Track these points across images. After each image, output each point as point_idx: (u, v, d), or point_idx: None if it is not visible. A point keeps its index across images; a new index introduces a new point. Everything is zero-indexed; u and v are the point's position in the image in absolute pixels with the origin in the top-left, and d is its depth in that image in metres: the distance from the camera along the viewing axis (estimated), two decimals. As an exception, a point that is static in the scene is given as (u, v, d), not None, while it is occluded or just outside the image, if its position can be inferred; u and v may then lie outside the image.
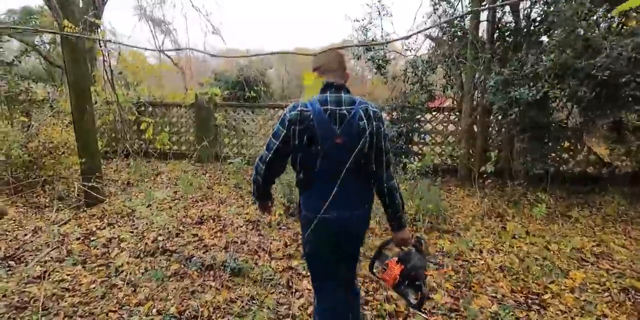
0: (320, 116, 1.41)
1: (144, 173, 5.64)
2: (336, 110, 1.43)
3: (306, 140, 1.43)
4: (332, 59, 1.55)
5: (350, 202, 1.51)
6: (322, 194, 1.42)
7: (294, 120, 1.43)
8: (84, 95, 4.34)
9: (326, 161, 1.44)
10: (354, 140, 1.42)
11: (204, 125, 6.71)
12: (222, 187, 5.25)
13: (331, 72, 1.54)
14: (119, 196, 4.67)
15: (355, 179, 1.49)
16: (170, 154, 6.99)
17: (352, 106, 1.46)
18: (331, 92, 1.48)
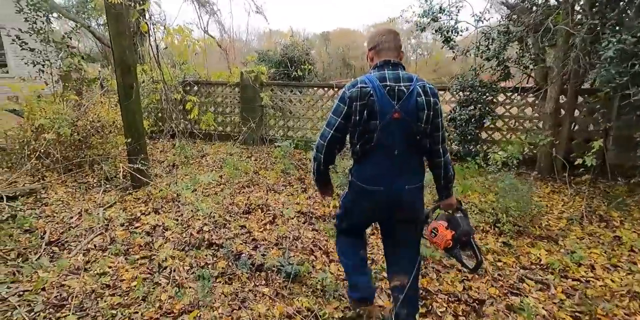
0: (379, 92, 1.47)
1: (189, 155, 5.42)
2: (395, 87, 1.48)
3: (366, 115, 1.48)
4: (389, 38, 1.59)
5: (404, 175, 1.56)
6: (376, 166, 1.54)
7: (355, 96, 1.49)
8: (130, 72, 4.07)
9: (383, 135, 1.49)
10: (411, 116, 1.48)
11: (250, 105, 6.36)
12: (269, 172, 4.89)
13: (388, 50, 1.58)
14: (164, 179, 4.47)
15: (410, 153, 1.55)
16: (215, 135, 6.75)
17: (410, 83, 1.50)
18: (389, 69, 1.53)
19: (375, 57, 1.60)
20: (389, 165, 1.52)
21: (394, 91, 1.47)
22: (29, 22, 4.74)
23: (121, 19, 3.87)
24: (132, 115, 4.22)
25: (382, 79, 1.50)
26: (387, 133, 1.49)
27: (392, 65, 1.55)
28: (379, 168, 1.53)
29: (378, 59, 1.59)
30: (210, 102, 6.83)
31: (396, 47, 1.59)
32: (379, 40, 1.59)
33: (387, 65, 1.55)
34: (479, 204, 3.62)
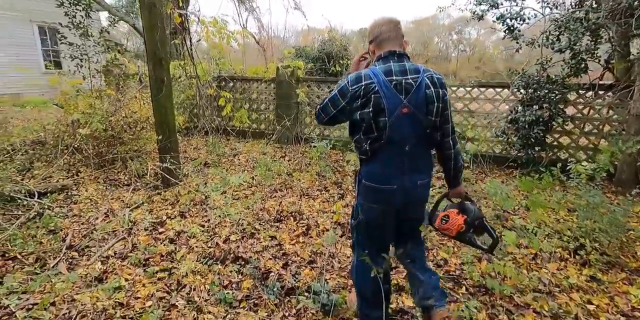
0: (386, 87, 1.40)
1: (221, 153, 5.20)
2: (402, 80, 1.42)
3: (372, 113, 1.41)
4: (389, 28, 1.51)
5: (415, 170, 1.51)
6: (387, 164, 1.48)
7: (358, 95, 1.42)
8: (161, 67, 3.87)
9: (393, 131, 1.43)
10: (420, 109, 1.43)
11: (285, 102, 6.05)
12: (304, 174, 4.54)
13: (390, 40, 1.50)
14: (195, 178, 4.25)
15: (421, 147, 1.51)
16: (249, 132, 6.53)
17: (418, 75, 1.44)
18: (394, 61, 1.46)
19: (377, 49, 1.53)
20: (400, 162, 1.47)
21: (402, 85, 1.41)
22: (68, 16, 4.71)
23: (154, 10, 3.66)
24: (164, 110, 4.03)
25: (388, 72, 1.43)
26: (397, 129, 1.43)
27: (398, 56, 1.48)
28: (390, 166, 1.48)
29: (381, 50, 1.51)
30: (245, 98, 6.60)
31: (397, 37, 1.51)
32: (379, 31, 1.52)
33: (392, 56, 1.48)
34: (553, 223, 3.04)
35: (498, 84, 4.79)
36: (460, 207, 1.63)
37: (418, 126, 1.45)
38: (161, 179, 4.10)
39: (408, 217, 1.63)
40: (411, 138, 1.45)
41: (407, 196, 1.52)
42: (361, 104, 1.42)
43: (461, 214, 1.59)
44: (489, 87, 4.81)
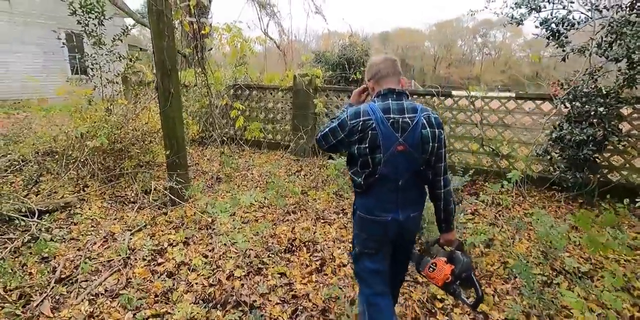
0: (383, 125, 1.45)
1: (234, 167, 4.92)
2: (399, 119, 1.47)
3: (368, 148, 1.47)
4: (387, 65, 1.56)
5: (407, 205, 1.56)
6: (381, 198, 1.54)
7: (357, 129, 1.47)
8: (170, 77, 3.63)
9: (387, 168, 1.48)
10: (416, 148, 1.47)
11: (301, 112, 5.73)
12: (320, 193, 4.19)
13: (389, 77, 1.55)
14: (203, 196, 3.97)
15: (413, 183, 1.55)
16: (265, 143, 6.24)
17: (415, 114, 1.49)
18: (393, 99, 1.51)
19: (376, 86, 1.58)
20: (393, 196, 1.54)
21: (398, 123, 1.47)
22: (81, 24, 4.56)
23: (162, 17, 3.42)
24: (172, 124, 3.78)
25: (386, 110, 1.48)
26: (391, 165, 1.49)
27: (397, 94, 1.53)
28: (383, 200, 1.55)
29: (380, 87, 1.56)
30: (260, 107, 6.33)
31: (395, 74, 1.56)
32: (377, 68, 1.58)
33: (391, 94, 1.52)
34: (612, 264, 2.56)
35: (538, 96, 4.30)
36: (449, 256, 1.59)
37: (412, 163, 1.50)
38: (168, 196, 3.85)
39: (400, 248, 1.69)
40: (405, 174, 1.51)
41: (401, 228, 1.58)
42: (358, 139, 1.48)
43: (449, 263, 1.55)
44: (528, 99, 4.33)
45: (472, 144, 4.76)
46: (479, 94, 4.59)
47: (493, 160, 4.64)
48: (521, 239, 3.07)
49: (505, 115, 4.50)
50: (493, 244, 2.99)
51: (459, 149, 4.84)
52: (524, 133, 4.49)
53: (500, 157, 4.54)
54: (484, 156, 4.70)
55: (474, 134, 4.73)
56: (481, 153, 4.70)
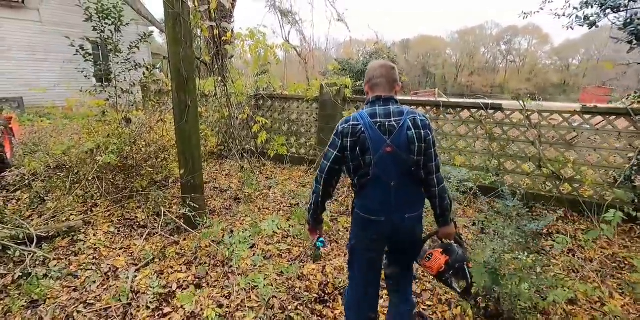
0: (370, 128, 1.55)
1: (254, 186, 4.46)
2: (385, 122, 1.56)
3: (359, 150, 1.56)
4: (381, 73, 1.64)
5: (402, 206, 1.60)
6: (375, 199, 1.60)
7: (347, 133, 1.57)
8: (186, 88, 3.23)
9: (378, 169, 1.56)
10: (403, 149, 1.55)
11: (328, 125, 5.25)
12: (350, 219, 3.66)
13: (380, 86, 1.63)
14: (219, 223, 3.51)
15: (407, 184, 1.60)
16: (288, 157, 5.78)
17: (401, 117, 1.57)
18: (379, 105, 1.60)
19: (370, 92, 1.67)
20: (386, 197, 1.58)
21: (385, 126, 1.55)
22: (97, 31, 4.27)
23: (178, 21, 3.03)
24: (188, 139, 3.37)
25: (373, 115, 1.57)
26: (382, 166, 1.55)
27: (384, 100, 1.61)
28: (377, 200, 1.60)
29: (372, 93, 1.65)
30: (283, 119, 5.89)
31: (389, 82, 1.63)
32: (372, 74, 1.65)
33: (378, 101, 1.61)
34: None
35: (610, 110, 3.65)
36: (445, 247, 1.69)
37: (402, 164, 1.56)
38: (182, 221, 3.42)
39: (398, 248, 1.73)
40: (396, 175, 1.57)
41: (395, 228, 1.61)
42: (352, 142, 1.56)
43: (444, 254, 1.65)
44: (598, 114, 3.69)
45: (524, 165, 4.14)
46: (533, 105, 3.98)
47: (553, 184, 3.99)
48: (612, 294, 2.44)
49: (568, 133, 3.87)
50: (576, 298, 2.37)
51: (510, 169, 4.21)
52: (589, 153, 3.85)
53: (562, 181, 3.89)
54: (540, 179, 4.06)
55: (528, 153, 4.10)
56: (537, 175, 4.06)
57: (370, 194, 1.60)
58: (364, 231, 1.66)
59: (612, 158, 3.75)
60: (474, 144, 4.48)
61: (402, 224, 1.61)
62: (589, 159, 3.83)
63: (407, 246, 1.73)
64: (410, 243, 1.72)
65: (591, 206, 3.70)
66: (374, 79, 1.64)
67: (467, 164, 4.44)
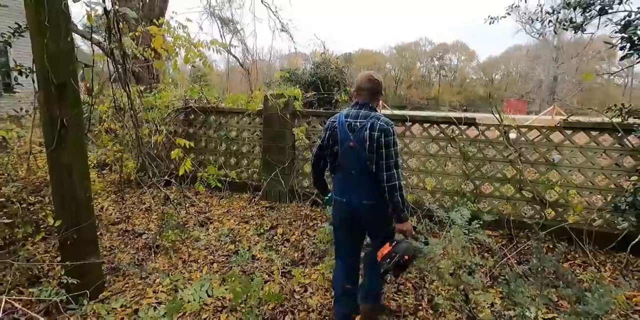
0: (341, 126, 1.94)
1: (178, 230, 3.37)
2: (352, 122, 1.93)
3: (331, 142, 1.99)
4: (367, 86, 1.99)
5: (358, 192, 1.94)
6: (340, 182, 2.02)
7: (327, 127, 2.03)
8: (60, 97, 2.16)
9: (343, 158, 1.96)
10: (361, 145, 1.88)
11: (275, 144, 4.36)
12: (310, 271, 2.77)
13: (362, 96, 2.01)
14: (120, 299, 2.40)
15: (363, 174, 1.91)
16: (227, 183, 4.76)
17: (364, 120, 1.90)
18: (355, 109, 1.98)
19: (355, 97, 2.05)
20: (349, 182, 1.97)
21: (352, 125, 1.92)
22: None
23: (42, 3, 1.98)
24: (66, 174, 2.28)
25: (347, 115, 1.96)
26: (346, 157, 1.94)
27: (360, 105, 1.99)
28: (342, 183, 2.01)
29: (356, 98, 2.04)
30: (220, 137, 4.88)
31: (370, 93, 1.99)
32: (359, 84, 2.02)
33: (357, 105, 2.00)
34: None
35: (596, 125, 3.27)
36: (396, 240, 1.92)
37: (360, 158, 1.89)
38: (60, 296, 2.26)
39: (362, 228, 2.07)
40: (356, 165, 1.92)
41: (354, 210, 1.97)
42: (328, 135, 2.00)
43: (391, 245, 1.89)
44: (581, 129, 3.28)
45: (504, 187, 3.62)
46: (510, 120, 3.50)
47: (535, 210, 3.51)
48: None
49: (549, 151, 3.42)
50: None
51: (488, 193, 3.67)
52: (573, 173, 3.43)
53: (546, 205, 3.41)
54: (522, 203, 3.56)
55: (507, 173, 3.60)
56: (517, 199, 3.56)
57: (338, 178, 2.02)
58: (334, 209, 2.07)
59: (598, 179, 3.36)
60: (445, 165, 3.90)
61: (360, 207, 1.93)
62: (574, 180, 3.41)
63: (370, 229, 2.07)
64: (373, 227, 2.04)
65: (580, 233, 3.25)
66: (359, 89, 2.00)
67: (438, 188, 3.83)
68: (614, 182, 3.22)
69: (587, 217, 3.33)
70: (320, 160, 2.11)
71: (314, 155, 2.15)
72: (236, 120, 4.80)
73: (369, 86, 1.98)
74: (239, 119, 4.77)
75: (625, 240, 3.08)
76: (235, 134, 4.84)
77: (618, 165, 3.19)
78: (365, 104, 1.97)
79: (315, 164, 2.15)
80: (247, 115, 4.65)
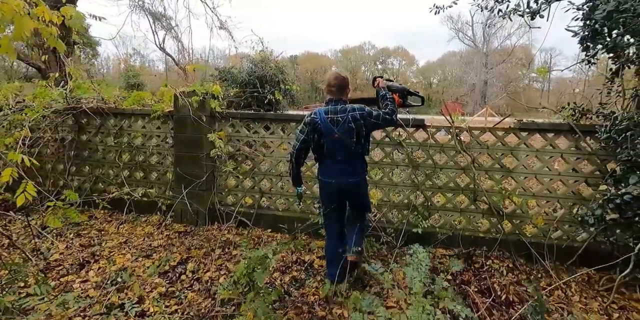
0: (324, 122, 2.27)
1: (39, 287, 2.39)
2: (334, 117, 2.27)
3: (316, 136, 2.31)
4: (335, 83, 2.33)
5: (346, 172, 2.36)
6: (327, 168, 2.39)
7: (309, 123, 2.32)
8: None
9: (329, 148, 2.31)
10: (346, 135, 2.27)
11: (190, 153, 3.52)
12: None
13: (333, 93, 2.35)
14: None
15: (349, 158, 2.34)
16: (130, 202, 3.79)
17: (344, 114, 2.27)
18: (332, 105, 2.32)
19: (326, 93, 2.41)
20: (335, 166, 2.35)
21: (334, 120, 2.27)
22: None
23: None
24: None
25: (327, 112, 2.29)
26: (331, 147, 2.30)
27: (335, 101, 2.33)
28: (329, 168, 2.38)
29: (328, 96, 2.39)
30: (122, 145, 3.89)
31: (339, 89, 2.34)
32: (328, 81, 2.37)
33: (331, 102, 2.33)
34: None
35: (552, 126, 2.92)
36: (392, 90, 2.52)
37: (345, 145, 2.29)
38: None
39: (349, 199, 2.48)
40: (341, 152, 2.31)
41: (341, 188, 2.37)
42: (311, 130, 2.31)
43: (395, 94, 2.50)
44: (537, 131, 2.92)
45: (459, 198, 3.17)
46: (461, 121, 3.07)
47: (491, 223, 3.09)
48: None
49: (505, 155, 3.03)
50: None
51: (440, 206, 3.20)
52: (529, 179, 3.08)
53: (502, 217, 3.01)
54: (477, 216, 3.14)
55: (460, 182, 3.16)
56: (472, 211, 3.13)
57: (325, 164, 2.39)
58: (323, 190, 2.46)
59: (555, 185, 3.03)
60: (391, 173, 3.37)
61: (347, 185, 2.37)
62: (530, 187, 3.05)
63: (354, 199, 2.49)
64: (357, 197, 2.48)
65: (539, 248, 2.89)
66: (329, 86, 2.36)
67: (385, 201, 3.28)
68: (572, 189, 2.90)
69: (545, 229, 2.99)
70: (302, 152, 2.41)
71: (295, 149, 2.39)
72: (141, 124, 3.85)
73: (337, 83, 2.32)
74: (145, 123, 3.83)
75: (587, 254, 2.77)
76: (141, 141, 3.89)
77: (576, 171, 2.88)
78: (338, 99, 2.34)
79: (297, 157, 2.43)
80: (156, 118, 3.74)
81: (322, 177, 2.41)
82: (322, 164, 2.40)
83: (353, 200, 2.48)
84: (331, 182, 2.36)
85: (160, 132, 3.80)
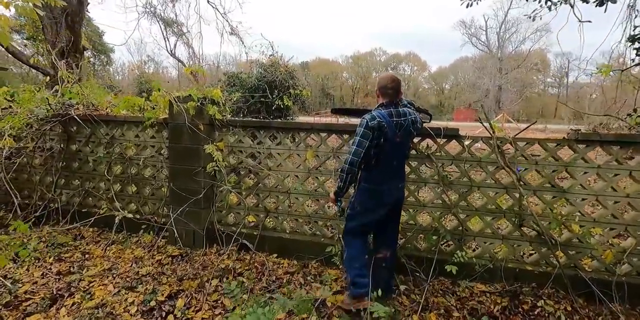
0: (390, 125, 2.16)
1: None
2: (398, 121, 2.20)
3: (382, 139, 2.16)
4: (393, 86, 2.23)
5: (398, 177, 2.31)
6: (383, 173, 2.24)
7: (376, 127, 2.14)
8: None
9: (390, 152, 2.21)
10: (406, 139, 2.30)
11: (185, 166, 3.10)
12: None
13: (392, 95, 2.24)
14: None
15: (401, 162, 2.33)
16: (121, 220, 3.38)
17: (406, 117, 2.23)
18: (393, 108, 2.22)
19: (382, 96, 2.27)
20: (390, 171, 2.25)
21: (398, 123, 2.19)
22: None
23: None
24: None
25: (390, 115, 2.19)
26: (392, 150, 2.21)
27: (395, 104, 2.25)
28: (385, 174, 2.24)
29: (384, 98, 2.26)
30: (112, 155, 3.50)
31: (397, 92, 2.25)
32: (384, 84, 2.24)
33: (391, 104, 2.24)
34: None
35: (617, 138, 2.40)
36: None
37: (403, 149, 2.31)
38: None
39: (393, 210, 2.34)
40: (398, 156, 2.27)
41: (393, 195, 2.28)
42: (377, 133, 2.14)
43: None
44: (599, 143, 2.40)
45: (501, 221, 2.66)
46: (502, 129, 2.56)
47: (540, 253, 2.56)
48: None
49: (558, 172, 2.51)
50: None
51: (477, 231, 2.69)
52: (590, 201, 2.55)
53: (556, 248, 2.48)
54: (524, 244, 2.61)
55: (501, 204, 2.64)
56: (516, 238, 2.61)
57: (380, 170, 2.23)
58: (371, 197, 2.26)
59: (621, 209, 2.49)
60: (417, 193, 2.87)
61: (398, 192, 2.31)
62: (588, 211, 2.52)
63: (398, 209, 2.41)
64: (400, 206, 2.43)
65: (604, 285, 2.35)
66: (386, 89, 2.24)
67: (412, 224, 2.79)
68: (644, 214, 2.36)
69: (610, 262, 2.45)
70: (364, 160, 2.21)
71: (359, 157, 2.18)
72: (134, 133, 3.46)
73: (394, 85, 2.23)
74: (138, 132, 3.44)
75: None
76: (134, 152, 3.50)
77: (648, 192, 2.34)
78: (396, 102, 2.26)
79: (359, 164, 2.21)
80: (149, 126, 3.34)
81: (373, 184, 2.23)
82: (374, 170, 2.23)
83: (396, 209, 2.37)
84: (381, 190, 2.22)
85: (155, 142, 3.40)
